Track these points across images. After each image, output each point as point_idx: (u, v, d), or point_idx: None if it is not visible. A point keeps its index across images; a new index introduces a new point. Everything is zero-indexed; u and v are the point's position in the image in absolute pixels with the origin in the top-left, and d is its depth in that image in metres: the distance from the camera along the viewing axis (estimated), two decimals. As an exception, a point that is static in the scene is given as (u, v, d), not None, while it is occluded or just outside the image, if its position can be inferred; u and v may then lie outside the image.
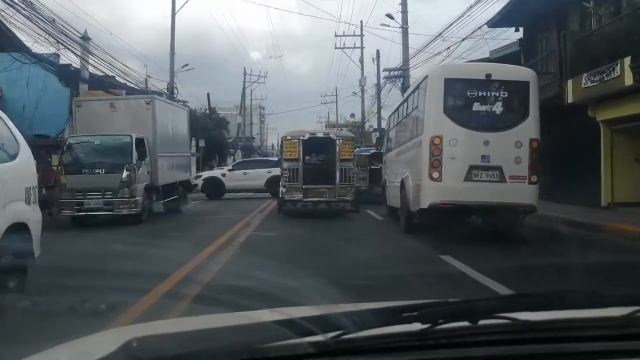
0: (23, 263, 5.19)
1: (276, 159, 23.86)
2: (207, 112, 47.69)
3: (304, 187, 13.62)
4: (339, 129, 51.67)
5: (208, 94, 47.70)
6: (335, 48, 39.26)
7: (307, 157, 13.92)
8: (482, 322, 1.11)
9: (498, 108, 8.88)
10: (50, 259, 8.34)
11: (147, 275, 5.62)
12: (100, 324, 3.74)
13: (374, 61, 36.88)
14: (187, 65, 32.43)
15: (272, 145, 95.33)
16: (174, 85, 31.19)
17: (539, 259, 7.72)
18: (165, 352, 1.04)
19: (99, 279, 5.46)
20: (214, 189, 22.60)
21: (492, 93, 8.90)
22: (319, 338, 1.05)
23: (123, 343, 1.07)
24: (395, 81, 27.98)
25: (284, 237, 10.53)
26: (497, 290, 5.36)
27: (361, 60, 42.11)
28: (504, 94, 8.92)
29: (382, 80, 32.70)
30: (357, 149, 19.97)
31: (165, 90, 30.89)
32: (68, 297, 4.95)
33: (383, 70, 27.97)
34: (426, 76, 9.89)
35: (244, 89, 57.91)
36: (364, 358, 1.06)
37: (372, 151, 20.61)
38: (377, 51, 36.82)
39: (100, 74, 22.50)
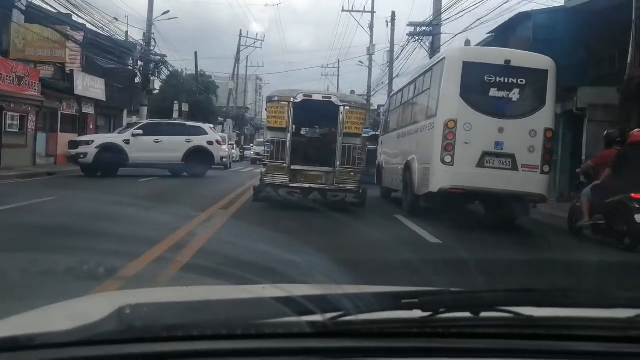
0: None
1: (197, 124, 19.90)
2: (195, 73, 42.18)
3: (291, 167, 10.44)
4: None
5: (195, 53, 40.72)
6: (343, 11, 38.31)
7: (298, 128, 11.52)
8: (484, 314, 1.09)
9: (515, 95, 8.83)
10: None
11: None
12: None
13: (387, 24, 32.69)
14: (168, 12, 28.80)
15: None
16: (152, 35, 27.70)
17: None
18: (160, 320, 1.03)
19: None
20: (112, 161, 16.54)
21: (510, 79, 8.84)
22: (317, 318, 1.03)
23: (116, 309, 1.05)
24: (421, 39, 22.25)
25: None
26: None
27: (371, 27, 37.81)
28: (521, 81, 8.89)
29: (405, 38, 27.10)
30: None
31: (142, 42, 28.08)
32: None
33: (408, 25, 22.29)
34: (443, 57, 9.83)
35: (238, 51, 51.29)
36: (361, 341, 1.04)
37: (371, 133, 18.72)
38: (393, 13, 32.96)
39: (53, 10, 20.15)
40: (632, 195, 7.52)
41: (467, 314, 1.09)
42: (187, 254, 5.29)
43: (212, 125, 21.84)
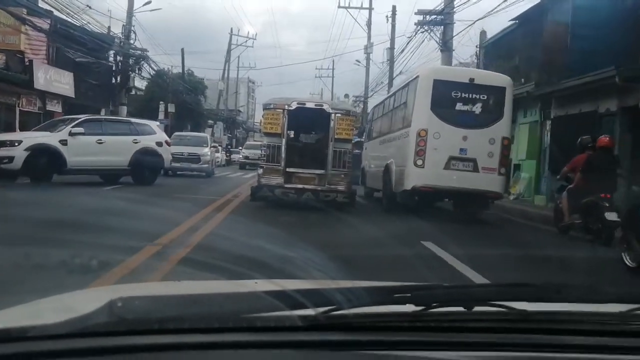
0: None
1: (144, 120, 16.30)
2: (182, 72, 37.82)
3: (286, 170, 10.91)
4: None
5: (182, 49, 37.17)
6: (339, 7, 34.06)
7: (293, 134, 11.74)
8: (476, 308, 1.08)
9: (477, 108, 10.05)
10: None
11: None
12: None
13: (388, 20, 30.71)
14: (149, 2, 24.93)
15: (260, 122, 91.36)
16: (132, 28, 24.31)
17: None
18: (151, 313, 1.04)
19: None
20: (46, 166, 12.87)
21: (474, 95, 10.08)
22: (309, 312, 1.03)
23: (107, 302, 1.05)
24: (431, 30, 19.64)
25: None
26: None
27: (368, 24, 35.97)
28: (483, 97, 10.13)
29: (407, 34, 31.81)
30: None
31: (121, 35, 24.49)
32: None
33: (416, 13, 19.66)
34: (417, 76, 10.89)
35: (228, 50, 46.41)
36: (354, 335, 1.03)
37: (356, 139, 18.99)
38: (394, 7, 30.69)
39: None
40: (602, 195, 8.17)
41: (460, 309, 1.07)
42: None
43: (157, 123, 18.83)
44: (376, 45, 41.61)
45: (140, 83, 35.41)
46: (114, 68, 25.70)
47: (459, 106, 10.13)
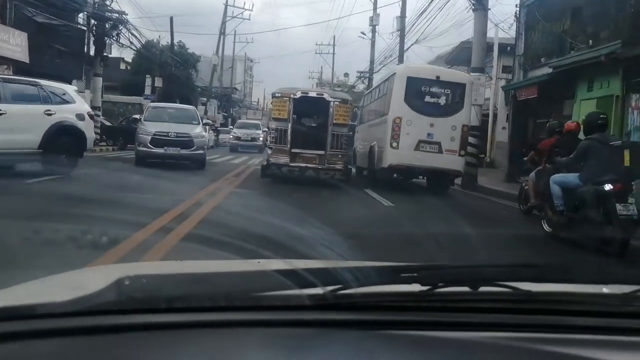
0: None
1: (59, 84, 10.50)
2: (171, 43, 32.33)
3: (291, 150, 11.88)
4: (332, 88, 40.04)
5: (171, 18, 30.71)
6: None
7: (297, 118, 12.37)
8: (482, 288, 1.05)
9: (442, 100, 11.54)
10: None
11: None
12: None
13: None
14: None
15: (258, 100, 71.82)
16: None
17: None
18: (159, 291, 1.02)
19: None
20: None
21: (439, 89, 11.53)
22: (317, 291, 1.01)
23: (115, 280, 1.02)
24: None
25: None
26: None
27: None
28: (447, 91, 11.56)
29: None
30: None
31: None
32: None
33: None
34: (394, 73, 12.44)
35: (223, 22, 40.31)
36: (361, 314, 1.01)
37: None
38: None
39: None
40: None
41: (466, 289, 1.04)
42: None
43: (75, 87, 12.22)
44: (384, 17, 37.53)
45: (127, 55, 30.74)
46: (87, 33, 21.00)
47: (427, 98, 11.53)
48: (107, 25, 21.02)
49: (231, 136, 28.47)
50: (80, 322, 0.94)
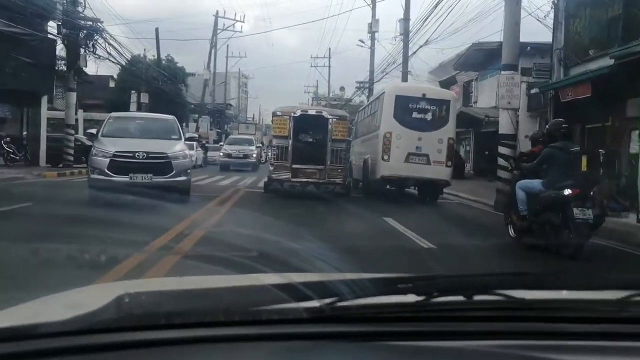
0: None
1: None
2: (157, 56, 29.92)
3: (292, 166, 12.17)
4: (326, 104, 40.25)
5: (156, 29, 28.87)
6: None
7: (298, 136, 12.61)
8: (477, 297, 1.05)
9: (429, 116, 12.27)
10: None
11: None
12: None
13: None
14: None
15: (253, 116, 69.50)
16: None
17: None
18: (158, 308, 1.01)
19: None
20: None
21: (426, 106, 12.26)
22: (314, 304, 1.00)
23: (115, 298, 1.02)
24: None
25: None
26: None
27: None
28: (433, 107, 12.28)
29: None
30: None
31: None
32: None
33: None
34: (384, 92, 13.12)
35: (214, 34, 37.73)
36: (358, 326, 1.01)
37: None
38: None
39: None
40: None
41: (461, 298, 1.03)
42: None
43: None
44: (385, 22, 33.70)
45: (113, 71, 28.63)
46: (57, 42, 18.51)
47: (415, 114, 12.27)
48: (80, 34, 18.26)
49: (221, 153, 24.37)
50: (81, 340, 0.92)
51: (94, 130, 11.20)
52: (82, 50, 18.58)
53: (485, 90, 25.07)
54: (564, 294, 1.16)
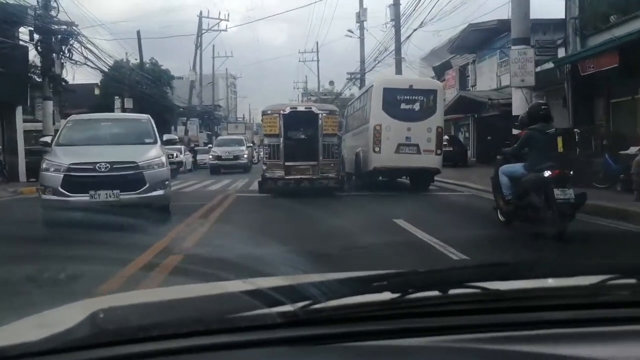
0: None
1: None
2: (140, 60, 28.63)
3: (285, 164, 12.06)
4: (317, 99, 39.84)
5: (138, 32, 27.67)
6: None
7: (288, 133, 12.50)
8: (452, 291, 1.05)
9: (417, 106, 12.45)
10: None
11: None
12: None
13: None
14: None
15: (243, 116, 68.54)
16: None
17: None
18: (133, 321, 0.99)
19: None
20: None
21: (413, 97, 12.45)
22: (288, 308, 0.99)
23: (89, 314, 1.00)
24: None
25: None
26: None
27: None
28: (420, 98, 12.46)
29: None
30: None
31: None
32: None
33: None
34: (372, 85, 13.34)
35: (198, 34, 36.31)
36: (333, 327, 0.99)
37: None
38: None
39: None
40: None
41: (436, 293, 1.03)
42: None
43: None
44: (373, 10, 33.72)
45: (98, 79, 27.38)
46: (29, 48, 17.46)
47: (403, 106, 12.45)
48: (53, 40, 16.95)
49: (210, 156, 23.33)
50: (56, 359, 0.89)
51: (48, 139, 9.25)
52: (56, 57, 17.28)
53: (484, 72, 24.81)
54: (538, 283, 1.14)
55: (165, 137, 9.21)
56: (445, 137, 20.53)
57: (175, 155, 18.45)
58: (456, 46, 23.61)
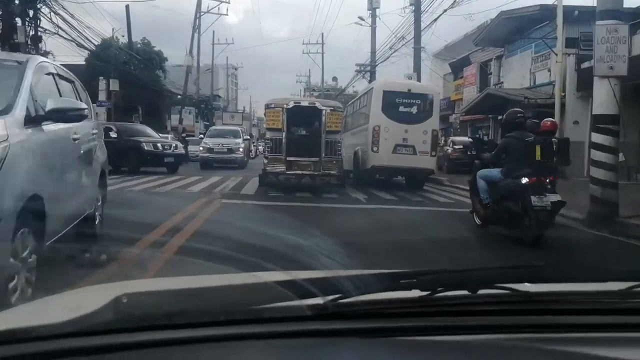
0: None
1: None
2: (128, 37, 24.93)
3: (287, 159, 11.85)
4: (320, 94, 38.14)
5: (127, 6, 24.07)
6: None
7: (291, 128, 12.19)
8: (481, 291, 1.03)
9: (414, 110, 12.91)
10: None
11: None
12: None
13: None
14: None
15: (244, 108, 63.87)
16: None
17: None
18: (157, 308, 0.99)
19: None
20: None
21: (411, 100, 12.87)
22: (317, 300, 0.99)
23: (112, 298, 1.00)
24: None
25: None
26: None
27: None
28: (417, 102, 12.88)
29: None
30: None
31: None
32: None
33: None
34: (372, 87, 13.70)
35: (196, 16, 30.78)
36: (362, 322, 0.99)
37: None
38: None
39: None
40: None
41: (465, 292, 1.02)
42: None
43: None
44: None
45: (82, 57, 23.64)
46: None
47: (401, 108, 12.91)
48: (15, 2, 13.55)
49: (201, 148, 19.95)
50: (80, 342, 0.88)
51: None
52: (19, 22, 13.80)
53: (513, 68, 21.02)
54: (568, 286, 1.12)
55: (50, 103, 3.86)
56: (463, 139, 20.63)
57: (174, 146, 16.55)
58: (483, 37, 20.70)
